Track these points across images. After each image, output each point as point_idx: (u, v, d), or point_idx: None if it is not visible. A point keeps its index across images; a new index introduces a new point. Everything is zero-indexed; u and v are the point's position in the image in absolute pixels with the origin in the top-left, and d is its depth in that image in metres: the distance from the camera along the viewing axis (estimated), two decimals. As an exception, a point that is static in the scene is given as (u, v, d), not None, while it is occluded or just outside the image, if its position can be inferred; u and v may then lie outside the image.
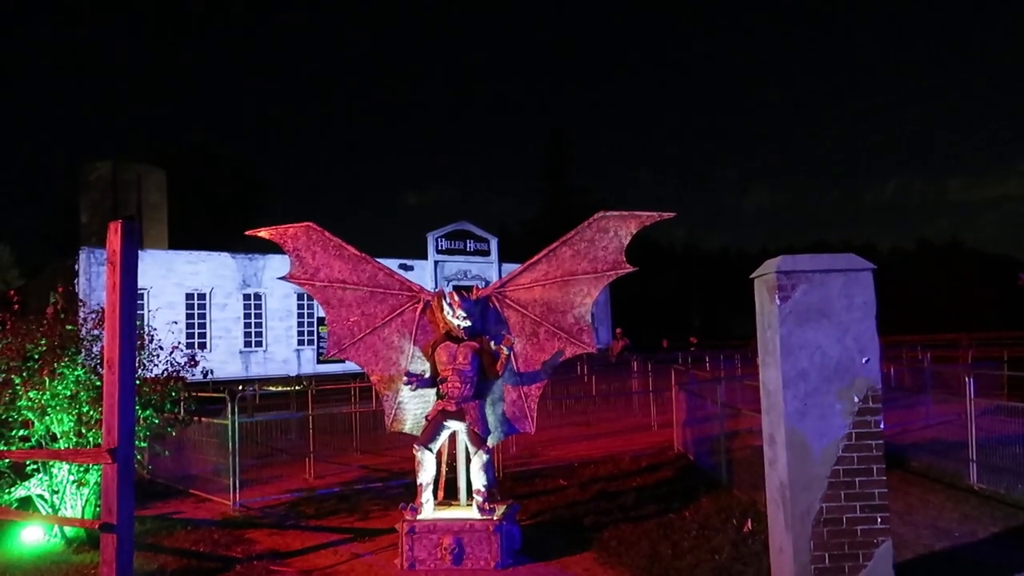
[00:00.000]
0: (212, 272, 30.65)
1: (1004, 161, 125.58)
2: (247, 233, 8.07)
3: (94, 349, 8.15)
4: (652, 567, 6.40)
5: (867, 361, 5.34)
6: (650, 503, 8.58)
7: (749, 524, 7.26)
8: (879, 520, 5.21)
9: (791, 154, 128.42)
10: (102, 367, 7.03)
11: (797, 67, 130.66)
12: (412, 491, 7.15)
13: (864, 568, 5.18)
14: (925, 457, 10.16)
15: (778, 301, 5.38)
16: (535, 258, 7.57)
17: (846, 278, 5.41)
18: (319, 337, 33.03)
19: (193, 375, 9.84)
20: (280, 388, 22.29)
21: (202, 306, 30.37)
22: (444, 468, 7.63)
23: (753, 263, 5.84)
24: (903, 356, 20.71)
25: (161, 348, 8.76)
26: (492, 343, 7.37)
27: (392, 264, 35.95)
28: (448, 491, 7.58)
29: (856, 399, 5.29)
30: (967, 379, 9.47)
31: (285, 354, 32.07)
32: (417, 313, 7.66)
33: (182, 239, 37.37)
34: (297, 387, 19.96)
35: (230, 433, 9.42)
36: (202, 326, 30.25)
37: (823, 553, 5.19)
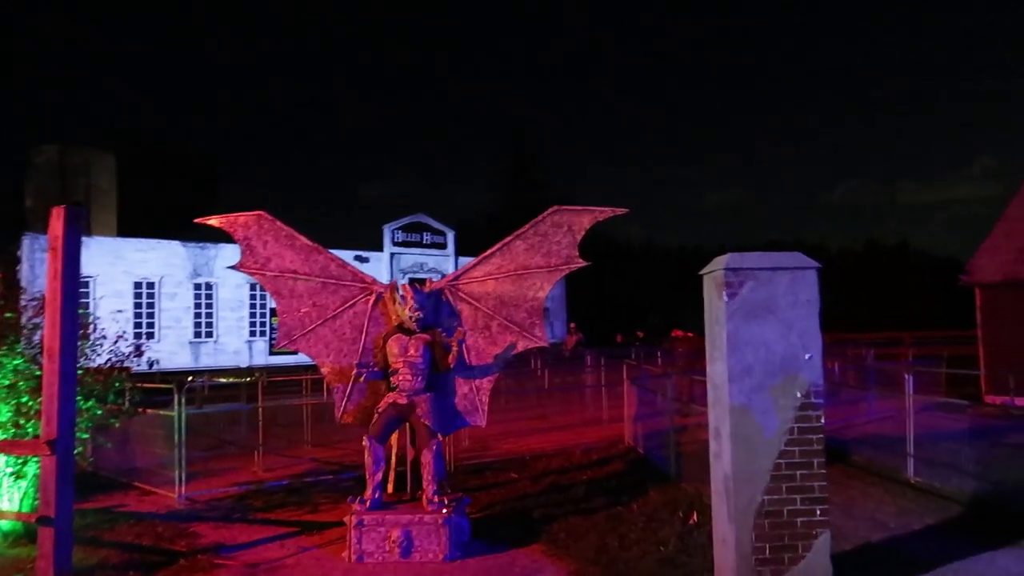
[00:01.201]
0: (162, 260, 29.97)
1: (952, 165, 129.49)
2: (197, 221, 7.93)
3: (34, 338, 7.91)
4: (599, 558, 6.48)
5: (810, 357, 5.47)
6: (600, 496, 8.68)
7: (695, 516, 7.40)
8: (818, 512, 5.35)
9: (747, 154, 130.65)
10: (42, 356, 6.85)
11: (754, 69, 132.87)
12: (362, 484, 7.11)
13: (803, 559, 5.32)
14: (866, 452, 10.45)
15: (726, 298, 5.47)
16: (489, 251, 7.58)
17: (792, 276, 5.53)
18: (271, 328, 32.56)
19: (139, 365, 9.63)
20: (230, 379, 21.93)
21: (151, 295, 29.69)
22: (395, 461, 7.61)
23: (708, 260, 5.94)
24: (848, 353, 21.24)
25: (105, 337, 8.54)
26: (444, 336, 7.37)
27: (348, 256, 35.69)
28: (398, 484, 7.56)
29: (799, 394, 5.42)
30: (907, 376, 9.76)
31: (236, 345, 31.54)
32: (369, 305, 7.62)
33: (132, 226, 36.42)
34: (248, 379, 19.66)
35: (177, 425, 9.24)
36: (151, 315, 29.58)
37: (764, 544, 5.31)
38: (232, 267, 7.70)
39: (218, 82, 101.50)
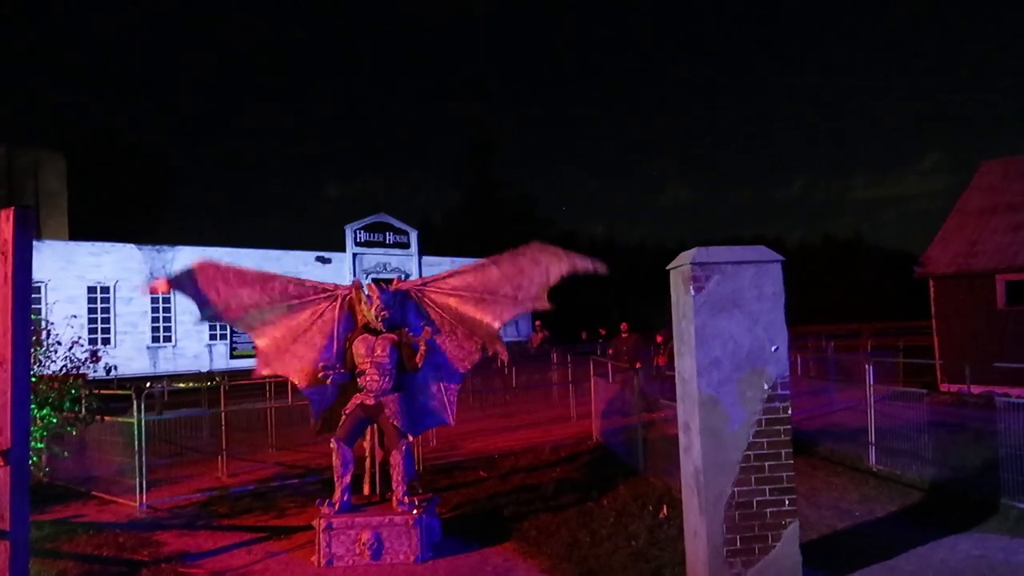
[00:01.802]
0: (117, 264, 29.27)
1: (903, 161, 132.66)
2: (144, 292, 7.82)
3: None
4: (571, 555, 6.48)
5: (776, 350, 5.52)
6: (569, 492, 8.68)
7: (665, 510, 7.44)
8: (787, 503, 5.41)
9: (706, 151, 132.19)
10: (-7, 364, 6.62)
11: (713, 66, 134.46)
12: (330, 487, 7.01)
13: (773, 549, 5.37)
14: (829, 442, 10.64)
15: (693, 292, 5.50)
16: (464, 268, 7.59)
17: (757, 269, 5.58)
18: (232, 332, 32.03)
19: (96, 372, 9.38)
20: (191, 384, 21.50)
21: (106, 300, 28.97)
22: (369, 463, 7.53)
23: (670, 256, 5.97)
24: (809, 346, 21.62)
25: (59, 344, 8.30)
26: (411, 335, 7.29)
27: (309, 257, 35.32)
28: (373, 485, 7.48)
29: (766, 386, 5.47)
30: (867, 367, 9.96)
31: (196, 349, 30.95)
32: (336, 310, 7.50)
33: (85, 230, 35.52)
34: (209, 383, 19.29)
35: (136, 432, 9.01)
36: (106, 321, 28.88)
37: (735, 536, 5.35)
38: (199, 321, 7.57)
39: (173, 80, 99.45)
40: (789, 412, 5.50)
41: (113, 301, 29.06)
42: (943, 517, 7.15)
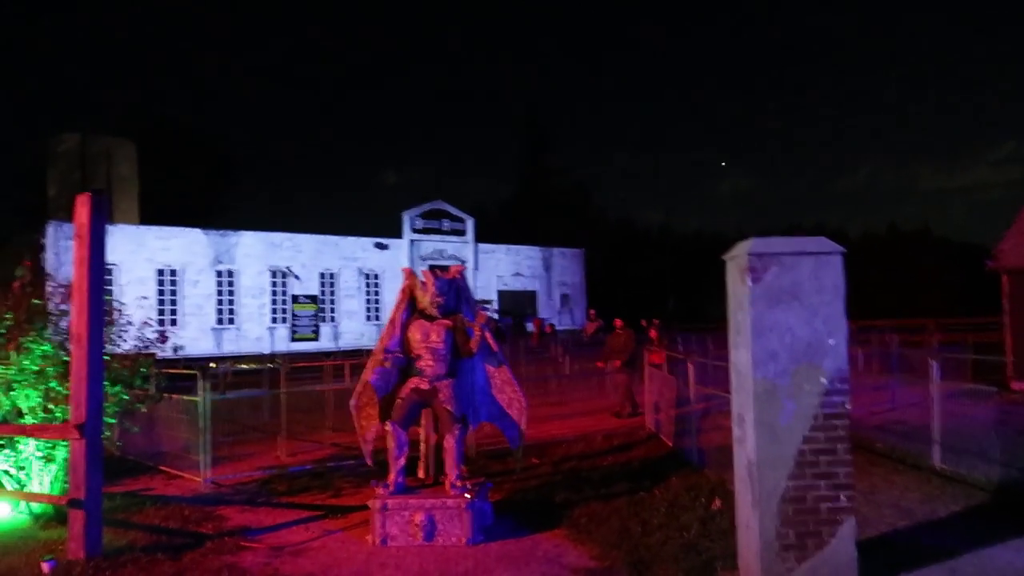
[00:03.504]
0: (184, 248, 30.26)
1: (974, 151, 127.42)
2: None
3: (62, 324, 8.02)
4: (622, 543, 6.49)
5: (835, 343, 5.41)
6: (621, 481, 8.68)
7: (717, 502, 7.38)
8: (843, 499, 5.31)
9: (766, 139, 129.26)
10: (70, 342, 6.95)
11: (774, 52, 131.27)
12: (385, 469, 7.16)
13: (828, 545, 5.28)
14: (890, 439, 10.37)
15: (750, 283, 5.42)
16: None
17: (816, 261, 5.46)
18: (293, 315, 32.80)
19: (164, 351, 9.75)
20: (253, 366, 22.13)
21: (173, 282, 29.99)
22: (424, 446, 7.66)
23: (728, 246, 5.89)
24: (872, 340, 21.04)
25: (131, 324, 8.64)
26: (467, 321, 7.38)
27: (367, 243, 35.90)
28: (421, 468, 7.62)
29: (823, 380, 5.37)
30: (932, 363, 9.65)
31: (258, 332, 31.82)
32: (402, 300, 7.61)
33: (154, 215, 36.78)
34: (270, 365, 19.83)
35: (201, 410, 9.35)
36: (173, 303, 29.90)
37: (788, 530, 5.28)
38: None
39: (237, 68, 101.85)
40: (847, 407, 5.39)
41: (180, 283, 30.07)
42: (1009, 520, 6.91)
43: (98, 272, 6.80)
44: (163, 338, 9.05)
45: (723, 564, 5.86)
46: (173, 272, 30.03)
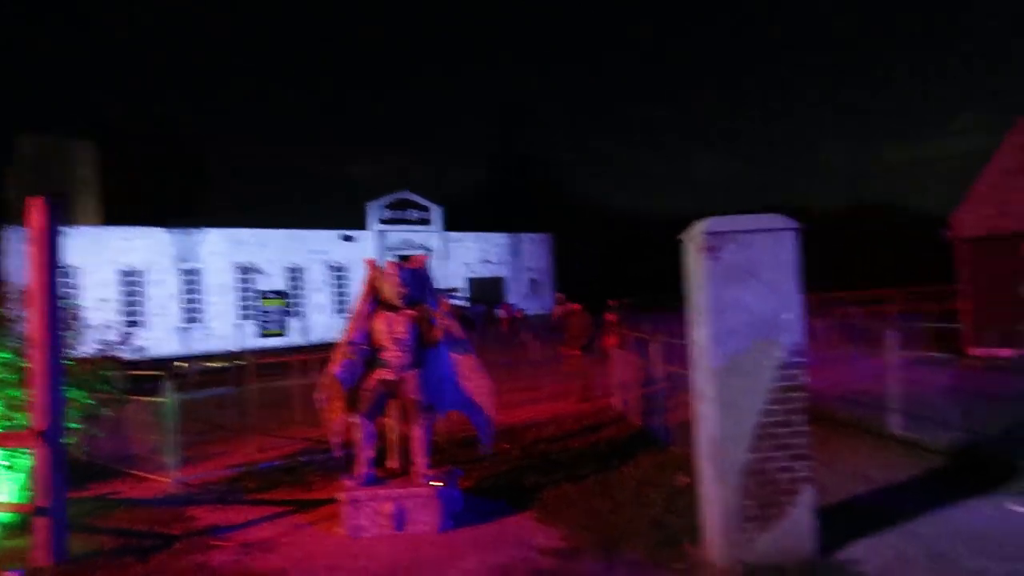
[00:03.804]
0: (147, 248, 29.82)
1: (936, 124, 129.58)
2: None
3: (20, 330, 7.89)
4: (590, 523, 6.59)
5: (791, 318, 5.52)
6: (590, 462, 8.79)
7: (684, 478, 7.50)
8: (802, 468, 5.45)
9: (735, 120, 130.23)
10: (29, 348, 6.84)
11: (742, 33, 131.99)
12: (355, 462, 7.18)
13: (788, 514, 5.42)
14: (851, 408, 10.60)
15: (706, 261, 5.51)
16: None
17: (772, 238, 5.57)
18: (261, 311, 32.52)
19: (126, 354, 9.64)
20: (221, 364, 21.90)
21: (138, 283, 29.55)
22: (392, 437, 7.68)
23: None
24: (835, 312, 21.42)
25: (91, 327, 8.53)
26: (430, 310, 7.40)
27: (334, 236, 35.64)
28: (391, 459, 7.64)
29: (781, 355, 5.49)
30: (890, 333, 9.88)
31: (226, 329, 31.50)
32: (366, 292, 7.61)
33: (118, 215, 36.17)
34: (238, 362, 19.65)
35: (167, 411, 9.27)
36: (138, 303, 29.46)
37: (750, 502, 5.41)
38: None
39: (200, 65, 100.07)
40: (804, 380, 5.52)
41: (144, 284, 29.63)
42: (965, 481, 7.13)
43: (54, 275, 6.70)
44: (125, 340, 8.95)
45: (689, 538, 5.98)
46: (137, 273, 29.58)
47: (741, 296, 5.52)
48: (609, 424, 11.28)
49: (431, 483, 6.81)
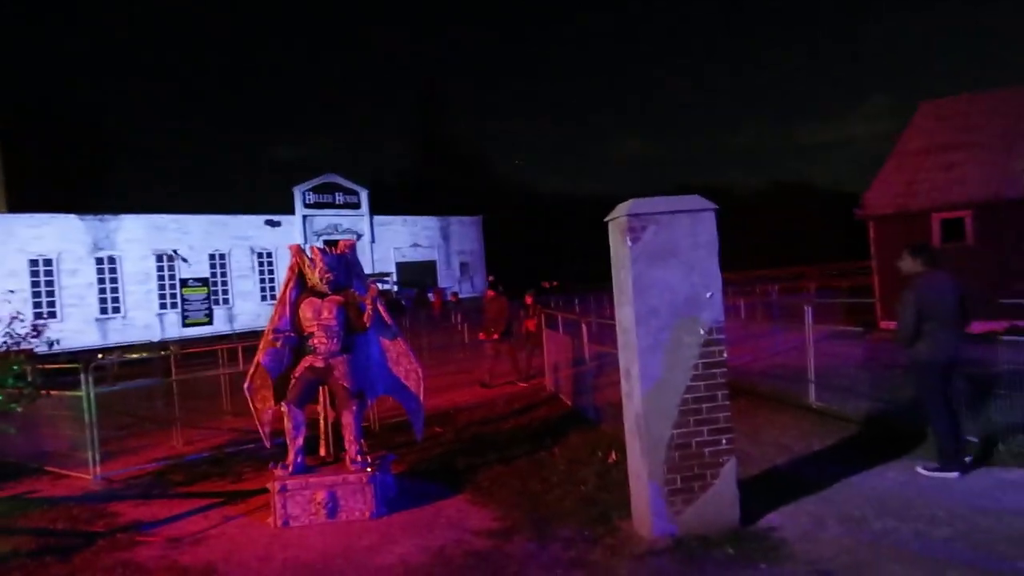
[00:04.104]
0: (58, 236, 28.47)
1: (849, 105, 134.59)
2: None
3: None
4: (523, 502, 6.68)
5: (711, 296, 5.69)
6: (523, 443, 8.90)
7: (613, 455, 7.68)
8: (724, 442, 5.65)
9: (656, 102, 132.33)
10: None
11: (662, 12, 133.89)
12: (285, 450, 7.08)
13: (712, 486, 5.62)
14: (772, 382, 11.02)
15: (630, 242, 5.62)
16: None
17: (691, 218, 5.71)
18: (183, 300, 31.53)
19: (38, 346, 9.23)
20: (142, 355, 21.21)
21: (49, 272, 28.21)
22: (323, 424, 7.61)
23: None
24: (756, 290, 22.14)
25: (-2, 320, 8.14)
26: (358, 295, 7.33)
27: (258, 221, 34.77)
28: (322, 447, 7.57)
29: (702, 332, 5.65)
30: (806, 308, 10.29)
31: (146, 319, 30.43)
32: (290, 278, 7.47)
33: (25, 202, 34.38)
34: (161, 353, 19.05)
35: (86, 405, 8.94)
36: (51, 294, 28.16)
37: (675, 475, 5.58)
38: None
39: (109, 46, 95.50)
40: (725, 356, 5.70)
41: (57, 273, 28.33)
42: (877, 448, 7.50)
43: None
44: (36, 332, 8.56)
45: (619, 514, 6.13)
46: (48, 262, 28.24)
47: (663, 276, 5.65)
48: (541, 405, 11.42)
49: (363, 469, 6.78)
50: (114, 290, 29.89)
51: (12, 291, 20.07)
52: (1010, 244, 16.85)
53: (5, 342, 8.02)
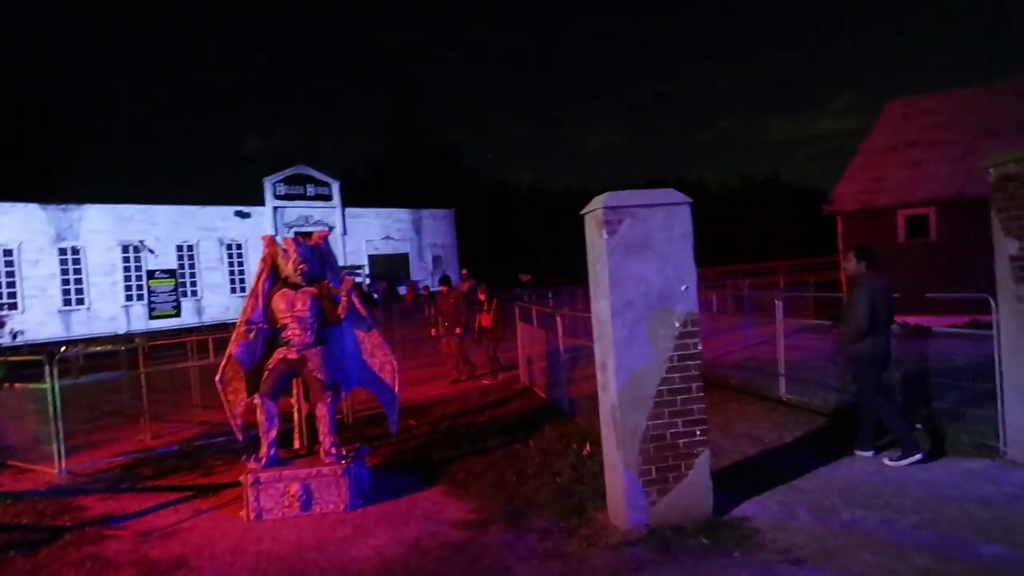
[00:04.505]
0: (19, 225, 27.80)
1: (817, 103, 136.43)
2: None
3: None
4: (497, 494, 6.70)
5: (686, 289, 5.74)
6: (497, 435, 8.91)
7: (588, 447, 7.72)
8: (698, 433, 5.71)
9: (629, 97, 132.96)
10: None
11: (637, 10, 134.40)
12: (258, 443, 7.01)
13: (685, 477, 5.68)
14: (744, 375, 11.15)
15: (606, 235, 5.64)
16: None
17: (667, 212, 5.75)
18: (150, 291, 31.03)
19: (2, 338, 9.03)
20: (108, 347, 20.83)
21: (9, 263, 27.55)
22: (297, 416, 7.55)
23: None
24: (727, 284, 22.38)
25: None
26: (332, 287, 7.27)
27: (228, 212, 34.30)
28: (296, 439, 7.51)
29: (677, 324, 5.70)
30: (776, 303, 10.42)
31: (112, 311, 29.90)
32: (263, 269, 7.38)
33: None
34: (126, 345, 18.73)
35: (50, 397, 8.76)
36: (11, 284, 27.51)
37: (650, 466, 5.63)
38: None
39: (76, 30, 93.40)
40: (699, 348, 5.76)
41: (18, 263, 27.70)
42: (844, 439, 7.63)
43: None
44: (0, 324, 8.37)
45: (594, 505, 6.17)
46: (8, 252, 27.58)
47: (638, 268, 5.68)
48: (515, 398, 11.44)
49: (338, 462, 6.74)
50: (78, 281, 29.29)
51: (-28, 281, 19.57)
52: (972, 240, 17.21)
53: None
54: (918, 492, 6.01)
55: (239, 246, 33.98)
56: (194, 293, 32.55)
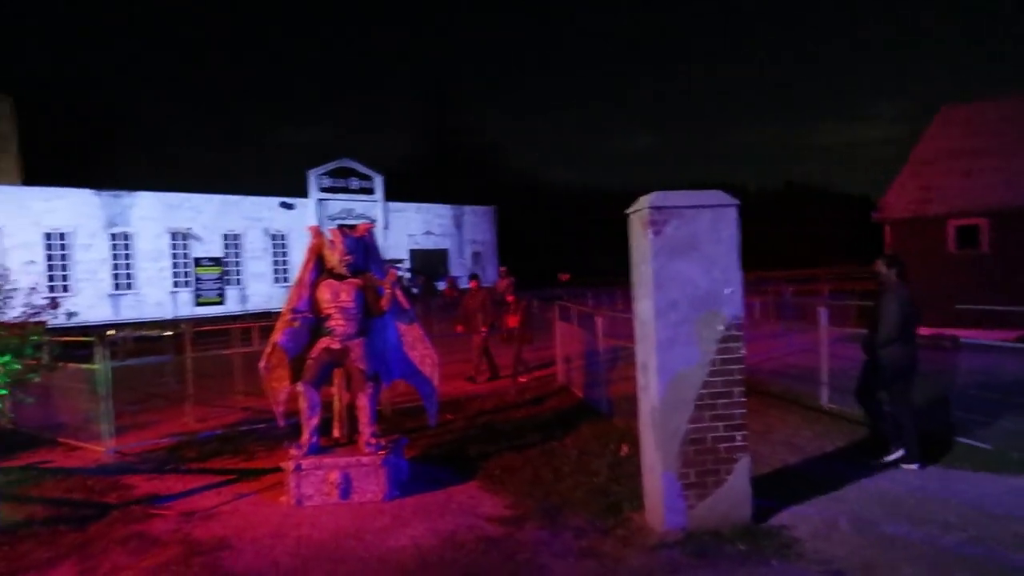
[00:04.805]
0: (73, 210, 28.57)
1: (865, 108, 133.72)
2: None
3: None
4: (533, 491, 6.71)
5: (731, 292, 5.68)
6: (533, 433, 8.92)
7: (625, 448, 7.69)
8: (739, 438, 5.65)
9: (671, 98, 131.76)
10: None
11: (680, 12, 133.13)
12: (299, 431, 7.13)
13: (725, 482, 5.63)
14: (784, 382, 11.00)
15: (651, 235, 5.61)
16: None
17: (714, 213, 5.70)
18: (196, 279, 31.67)
19: (55, 318, 9.30)
20: (155, 332, 21.33)
21: (63, 246, 28.35)
22: (338, 406, 7.65)
23: (633, 202, 6.05)
24: (769, 291, 22.07)
25: (16, 290, 8.20)
26: (376, 279, 7.36)
27: (273, 202, 34.83)
28: (336, 428, 7.62)
29: (721, 327, 5.65)
30: (820, 311, 10.26)
31: (159, 296, 30.59)
32: (310, 260, 7.50)
33: (41, 175, 34.52)
34: (173, 331, 19.16)
35: (100, 378, 9.01)
36: (65, 268, 28.31)
37: (689, 470, 5.59)
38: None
39: (132, 24, 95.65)
40: (743, 352, 5.70)
41: (72, 248, 28.46)
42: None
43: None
44: (54, 304, 8.63)
45: (630, 505, 6.15)
46: (62, 236, 28.37)
47: (684, 270, 5.64)
48: (551, 396, 11.44)
49: (377, 452, 6.82)
50: (128, 266, 30.02)
51: (32, 262, 20.09)
52: (1025, 253, 16.73)
53: (25, 312, 8.08)
54: (964, 508, 5.88)
55: (283, 237, 34.49)
56: (239, 282, 33.13)
